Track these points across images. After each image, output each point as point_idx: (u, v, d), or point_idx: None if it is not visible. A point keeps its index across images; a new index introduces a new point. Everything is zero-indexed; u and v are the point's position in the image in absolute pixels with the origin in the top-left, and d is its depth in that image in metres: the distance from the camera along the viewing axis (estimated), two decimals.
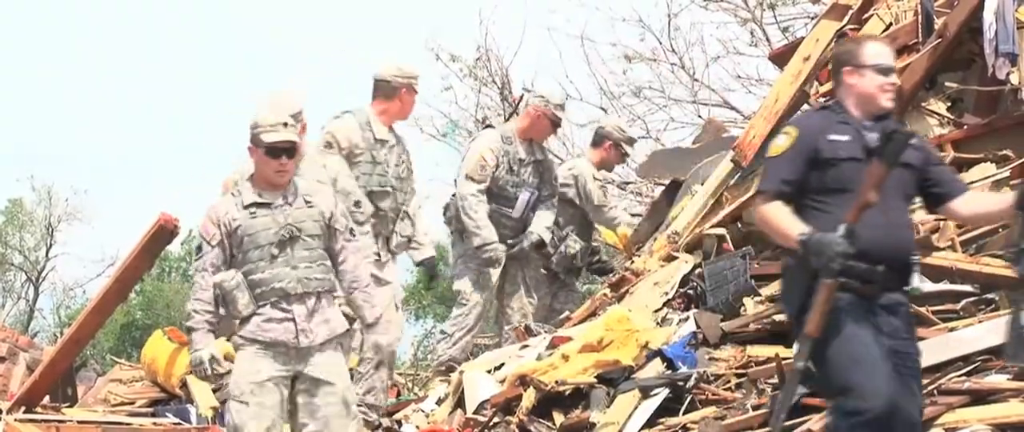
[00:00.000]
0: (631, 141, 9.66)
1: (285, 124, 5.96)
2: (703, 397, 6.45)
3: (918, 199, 4.94)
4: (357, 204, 7.59)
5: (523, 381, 6.94)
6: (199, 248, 6.14)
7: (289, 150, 5.94)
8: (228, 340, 9.59)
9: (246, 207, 5.95)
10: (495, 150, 8.71)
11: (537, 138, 8.99)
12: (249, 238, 5.92)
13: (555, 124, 9.01)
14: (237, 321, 6.04)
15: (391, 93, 7.98)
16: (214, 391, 8.26)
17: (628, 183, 15.84)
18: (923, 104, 8.36)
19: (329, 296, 6.05)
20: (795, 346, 6.14)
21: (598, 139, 9.44)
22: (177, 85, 53.45)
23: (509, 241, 8.73)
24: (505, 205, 8.71)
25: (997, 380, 5.54)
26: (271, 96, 6.84)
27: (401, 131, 8.21)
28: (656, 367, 6.74)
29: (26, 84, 51.48)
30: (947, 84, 8.35)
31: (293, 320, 5.89)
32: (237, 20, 57.19)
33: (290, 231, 5.94)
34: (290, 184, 6.06)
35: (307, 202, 6.04)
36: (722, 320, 7.17)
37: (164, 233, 7.56)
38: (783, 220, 4.65)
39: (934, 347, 5.80)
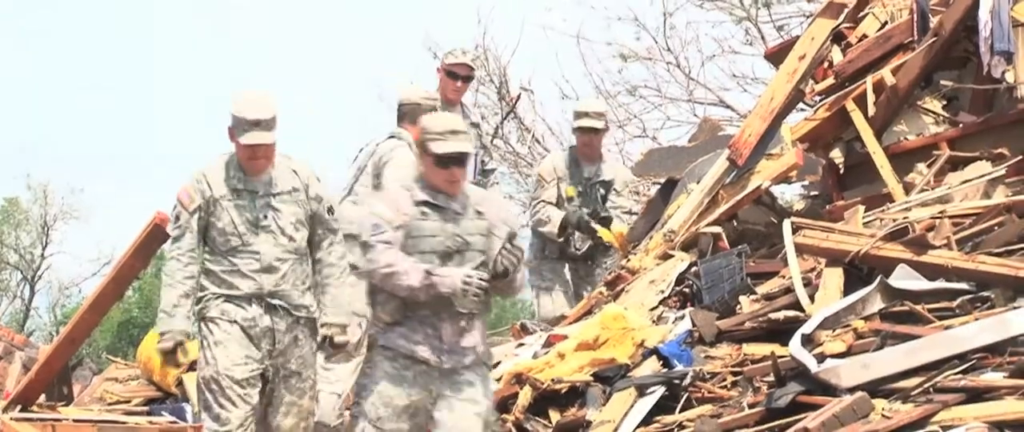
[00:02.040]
0: (585, 115, 9.18)
1: (454, 132, 5.49)
2: (699, 395, 6.44)
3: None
4: None
5: (519, 379, 6.94)
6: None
7: (461, 159, 5.49)
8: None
9: (417, 204, 5.48)
10: None
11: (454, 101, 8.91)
12: (413, 241, 5.44)
13: (452, 76, 8.90)
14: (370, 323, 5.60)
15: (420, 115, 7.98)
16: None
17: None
18: (918, 103, 8.37)
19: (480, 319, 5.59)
20: (794, 343, 6.18)
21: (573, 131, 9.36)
22: (175, 84, 53.44)
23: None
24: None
25: (993, 378, 5.54)
26: (246, 95, 6.59)
27: None
28: (652, 365, 6.74)
29: (24, 83, 51.45)
30: (943, 82, 8.36)
31: (439, 338, 5.44)
32: (235, 19, 57.17)
33: (458, 243, 5.48)
34: (461, 194, 5.56)
35: (478, 212, 5.57)
36: (718, 318, 7.17)
37: (160, 232, 7.53)
38: None
39: (930, 345, 5.80)
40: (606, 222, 8.95)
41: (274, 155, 6.04)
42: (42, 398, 8.07)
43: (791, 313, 6.78)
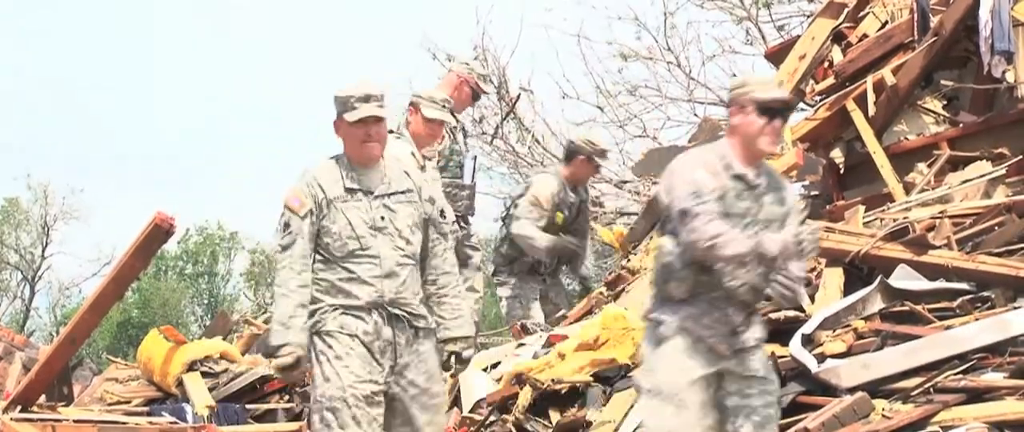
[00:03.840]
0: (602, 153, 9.20)
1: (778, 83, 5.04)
2: None
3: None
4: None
5: (519, 379, 6.94)
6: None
7: (784, 112, 5.03)
8: (224, 338, 9.59)
9: (733, 177, 4.96)
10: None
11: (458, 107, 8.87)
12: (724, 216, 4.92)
13: (476, 94, 8.86)
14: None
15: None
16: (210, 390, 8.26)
17: (625, 182, 15.85)
18: (919, 102, 8.37)
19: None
20: (793, 343, 6.18)
21: (569, 154, 9.10)
22: (174, 84, 53.45)
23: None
24: (459, 174, 8.52)
25: (993, 378, 5.54)
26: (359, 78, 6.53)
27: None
28: None
29: (23, 82, 51.46)
30: (943, 82, 8.36)
31: (727, 322, 4.96)
32: (233, 20, 57.17)
33: (764, 223, 4.99)
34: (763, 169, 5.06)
35: (777, 191, 5.08)
36: None
37: (160, 232, 7.52)
38: None
39: (930, 345, 5.80)
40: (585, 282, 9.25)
41: (386, 143, 5.59)
42: (42, 398, 8.06)
43: (791, 313, 6.77)
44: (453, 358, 5.60)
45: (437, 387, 5.56)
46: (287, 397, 8.20)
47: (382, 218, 5.44)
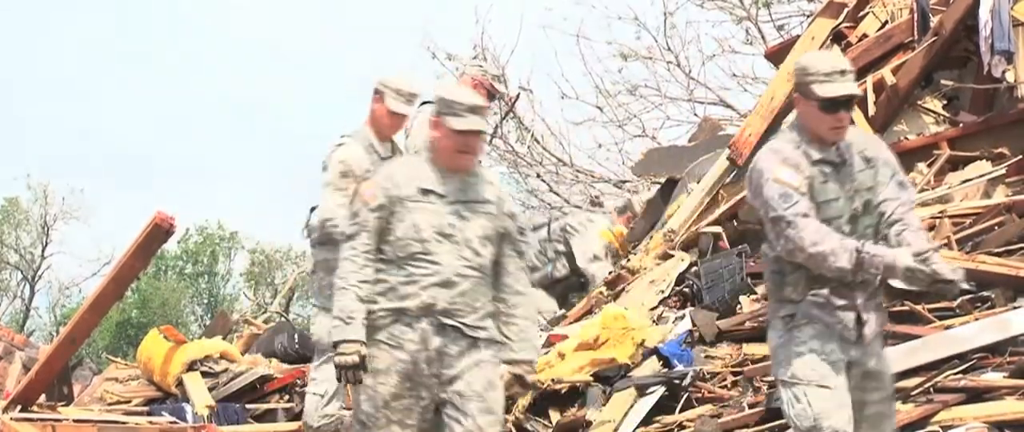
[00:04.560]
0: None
1: (842, 72, 4.67)
2: (699, 395, 6.45)
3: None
4: None
5: None
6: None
7: (848, 103, 4.68)
8: (224, 338, 9.58)
9: (814, 164, 4.69)
10: None
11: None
12: (816, 209, 4.66)
13: (491, 95, 8.75)
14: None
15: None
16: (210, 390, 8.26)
17: (624, 182, 15.86)
18: (919, 102, 8.37)
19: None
20: None
21: (624, 208, 9.65)
22: (174, 84, 53.46)
23: None
24: None
25: (993, 378, 5.55)
26: (448, 84, 6.47)
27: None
28: (652, 365, 6.75)
29: (22, 82, 51.47)
30: (943, 82, 8.37)
31: (854, 308, 4.68)
32: (233, 19, 57.19)
33: (861, 200, 4.71)
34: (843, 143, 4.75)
35: (866, 160, 4.77)
36: (718, 318, 7.17)
37: (160, 232, 7.52)
38: None
39: (930, 345, 5.80)
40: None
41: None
42: (42, 398, 8.06)
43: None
44: (517, 381, 5.30)
45: (495, 394, 5.23)
46: (287, 397, 8.20)
47: (451, 225, 5.17)
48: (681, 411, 6.35)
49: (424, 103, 8.50)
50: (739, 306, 7.30)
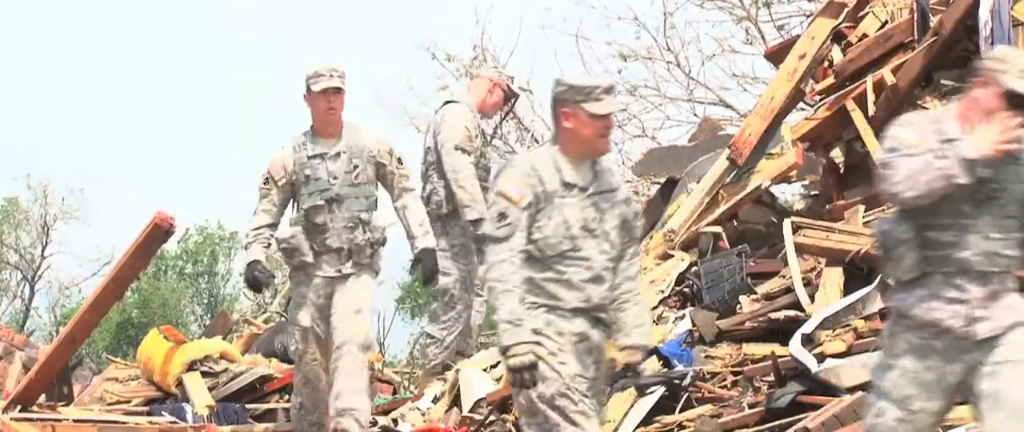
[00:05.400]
0: None
1: None
2: (699, 395, 6.45)
3: None
4: None
5: None
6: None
7: None
8: (224, 338, 9.57)
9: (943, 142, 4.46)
10: (472, 124, 8.34)
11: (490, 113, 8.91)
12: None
13: (507, 96, 8.85)
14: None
15: None
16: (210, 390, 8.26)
17: (625, 181, 15.85)
18: (919, 102, 8.36)
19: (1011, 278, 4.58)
20: (794, 343, 6.18)
21: None
22: (174, 84, 53.45)
23: None
24: (485, 179, 8.20)
25: None
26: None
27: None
28: (652, 365, 6.74)
29: (22, 81, 51.47)
30: (943, 82, 8.36)
31: (965, 301, 4.46)
32: (231, 20, 57.18)
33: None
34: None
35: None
36: (718, 318, 7.17)
37: (160, 232, 7.52)
38: None
39: None
40: None
41: None
42: (42, 398, 8.07)
43: (791, 313, 6.78)
44: (629, 368, 5.16)
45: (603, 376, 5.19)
46: (287, 397, 8.20)
47: (593, 218, 5.04)
48: (681, 411, 6.35)
49: (448, 102, 8.63)
50: (739, 306, 7.30)
